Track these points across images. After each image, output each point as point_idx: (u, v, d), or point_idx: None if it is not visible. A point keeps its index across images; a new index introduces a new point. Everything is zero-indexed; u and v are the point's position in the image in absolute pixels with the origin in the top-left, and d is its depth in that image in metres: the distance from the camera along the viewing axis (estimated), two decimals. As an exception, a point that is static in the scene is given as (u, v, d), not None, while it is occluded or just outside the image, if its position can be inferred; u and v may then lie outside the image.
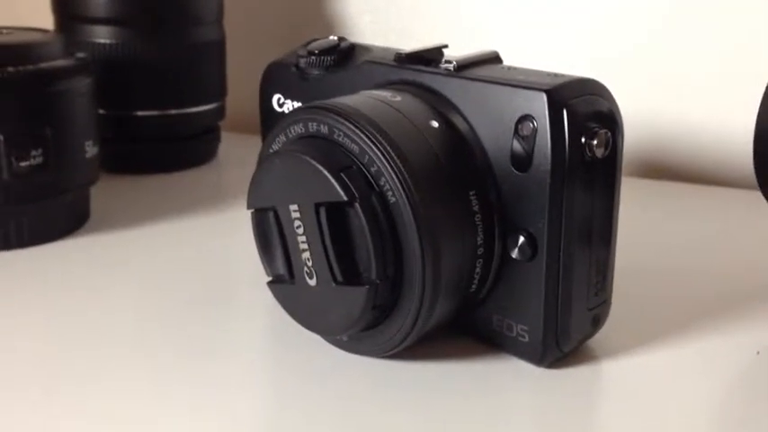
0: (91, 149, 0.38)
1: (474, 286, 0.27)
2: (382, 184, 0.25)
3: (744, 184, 0.46)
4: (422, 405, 0.26)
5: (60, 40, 0.37)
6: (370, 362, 0.28)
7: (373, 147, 0.25)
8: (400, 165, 0.24)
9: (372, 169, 0.25)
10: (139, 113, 0.48)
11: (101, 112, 0.47)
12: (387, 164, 0.25)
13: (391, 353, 0.27)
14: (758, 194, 0.33)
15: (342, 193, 0.25)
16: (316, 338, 0.29)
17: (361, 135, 0.25)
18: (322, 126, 0.26)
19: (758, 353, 0.29)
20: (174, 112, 0.48)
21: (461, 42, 0.52)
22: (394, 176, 0.24)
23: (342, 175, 0.25)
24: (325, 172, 0.25)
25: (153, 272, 0.35)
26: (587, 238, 0.26)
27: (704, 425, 0.26)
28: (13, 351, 0.29)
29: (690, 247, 0.39)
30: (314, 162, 0.25)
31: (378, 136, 0.25)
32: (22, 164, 0.34)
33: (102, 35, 0.46)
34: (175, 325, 0.31)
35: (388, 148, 0.25)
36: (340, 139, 0.25)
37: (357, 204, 0.25)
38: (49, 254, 0.36)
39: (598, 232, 0.27)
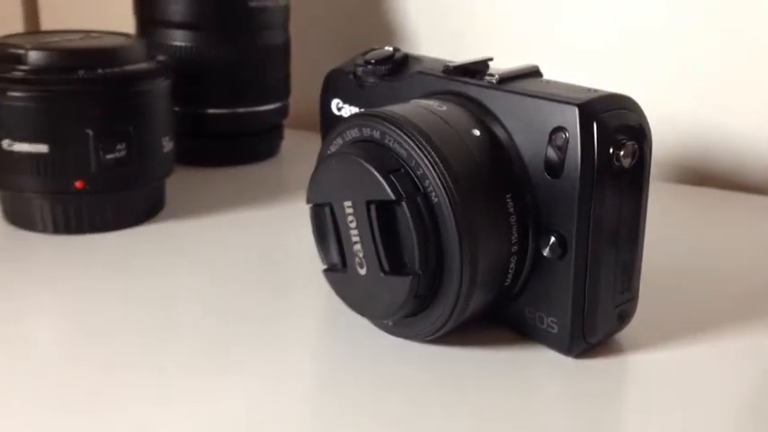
0: (167, 144, 0.42)
1: (508, 281, 0.30)
2: (427, 185, 0.28)
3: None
4: (457, 386, 0.29)
5: (143, 45, 0.41)
6: (413, 345, 0.31)
7: (419, 152, 0.28)
8: (443, 169, 0.27)
9: (418, 172, 0.28)
10: (210, 111, 0.51)
11: (176, 109, 0.51)
12: (431, 168, 0.27)
13: (432, 338, 0.30)
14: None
15: (390, 192, 0.28)
16: (364, 323, 0.32)
17: (409, 141, 0.28)
18: (375, 131, 0.29)
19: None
20: (241, 110, 0.52)
21: (515, 49, 0.55)
22: (437, 179, 0.27)
23: (391, 176, 0.28)
24: (376, 173, 0.28)
25: (219, 258, 0.39)
26: (614, 240, 0.29)
27: (726, 421, 0.28)
28: (87, 321, 0.33)
29: (724, 251, 0.41)
30: (366, 164, 0.28)
31: (424, 142, 0.28)
32: (108, 156, 0.38)
33: (179, 38, 0.50)
34: (237, 308, 0.34)
35: (433, 153, 0.27)
36: (390, 143, 0.28)
37: (404, 203, 0.27)
38: (128, 239, 0.40)
39: (625, 235, 0.29)
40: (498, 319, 0.32)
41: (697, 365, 0.31)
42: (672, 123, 0.52)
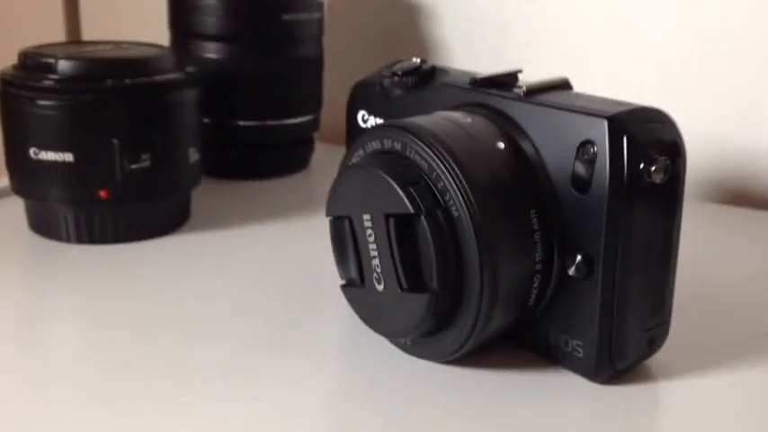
0: (194, 155, 0.41)
1: (532, 300, 0.28)
2: (447, 199, 0.27)
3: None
4: (474, 412, 0.28)
5: (172, 56, 0.41)
6: (431, 366, 0.30)
7: (440, 164, 0.27)
8: (464, 182, 0.26)
9: (439, 185, 0.27)
10: (241, 123, 0.51)
11: (206, 120, 0.51)
12: (452, 181, 0.26)
13: (450, 359, 0.29)
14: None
15: (409, 205, 0.27)
16: (382, 341, 0.31)
17: (430, 153, 0.27)
18: (396, 143, 0.28)
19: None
20: (272, 123, 0.52)
21: (548, 62, 0.53)
22: (458, 193, 0.26)
23: (410, 189, 0.27)
24: (396, 186, 0.27)
25: (242, 270, 0.38)
26: (645, 261, 0.27)
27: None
28: (112, 330, 0.32)
29: (762, 275, 0.39)
30: (386, 176, 0.27)
31: (445, 155, 0.27)
32: (133, 166, 0.38)
33: (211, 50, 0.50)
34: (257, 320, 0.33)
35: (454, 166, 0.26)
36: (411, 155, 0.28)
37: (423, 217, 0.26)
38: (152, 249, 0.40)
39: (656, 255, 0.28)
40: (521, 341, 0.31)
41: (730, 394, 0.29)
42: (704, 141, 0.50)
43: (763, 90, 0.48)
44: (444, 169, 0.27)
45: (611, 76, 0.52)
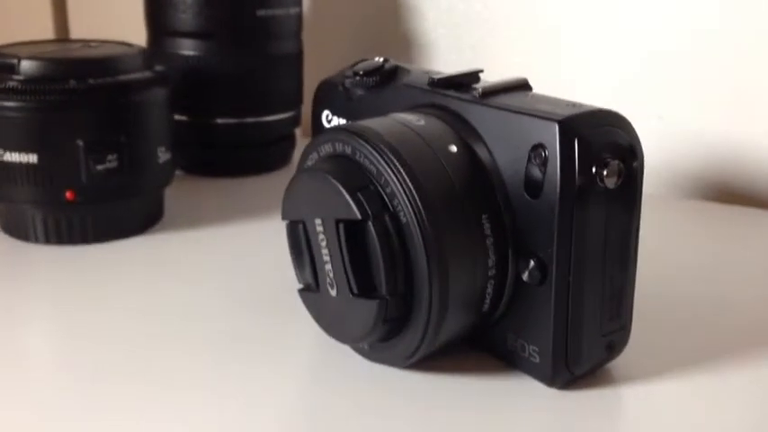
0: (163, 155, 0.41)
1: (486, 306, 0.28)
2: (396, 204, 0.26)
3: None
4: (427, 416, 0.27)
5: (140, 55, 0.41)
6: (388, 371, 0.29)
7: (388, 169, 0.26)
8: (412, 187, 0.26)
9: (387, 190, 0.26)
10: (219, 121, 0.51)
11: (185, 118, 0.50)
12: (400, 185, 0.26)
13: (406, 364, 0.29)
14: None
15: (356, 211, 0.26)
16: (343, 345, 0.31)
17: (378, 157, 0.26)
18: (346, 147, 0.28)
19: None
20: (251, 120, 0.51)
21: (535, 58, 0.53)
22: (406, 198, 0.26)
23: (358, 194, 0.26)
24: (344, 191, 0.26)
25: (211, 271, 0.38)
26: (600, 266, 0.27)
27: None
28: (76, 331, 0.32)
29: (734, 276, 0.38)
30: (335, 181, 0.27)
31: (393, 158, 0.26)
32: (99, 167, 0.38)
33: (188, 48, 0.49)
34: (220, 323, 0.33)
35: (402, 170, 0.26)
36: (361, 160, 0.27)
37: (370, 223, 0.26)
38: (121, 249, 0.40)
39: (612, 259, 0.27)
40: (482, 346, 0.30)
41: (690, 399, 0.28)
42: (692, 138, 0.49)
43: (750, 87, 0.48)
44: (392, 174, 0.26)
45: (599, 72, 0.51)
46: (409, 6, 0.58)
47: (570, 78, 0.53)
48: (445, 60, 0.57)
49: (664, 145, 0.50)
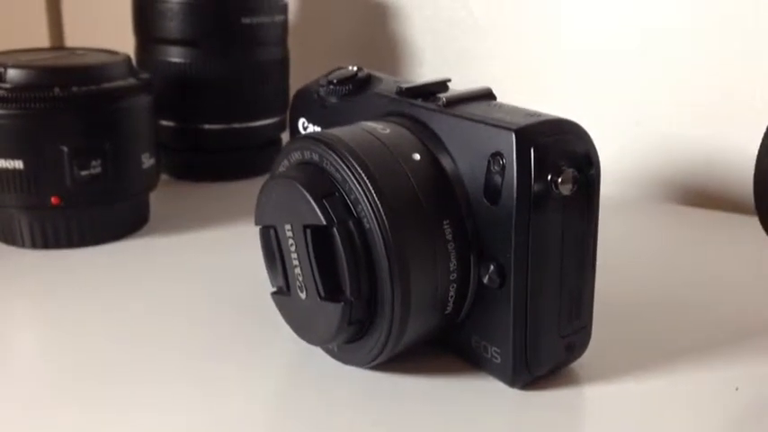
0: (148, 161, 0.42)
1: (449, 308, 0.29)
2: (359, 210, 0.27)
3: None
4: (392, 417, 0.28)
5: (125, 62, 0.42)
6: (356, 372, 0.30)
7: (352, 176, 0.27)
8: (374, 194, 0.27)
9: (352, 197, 0.27)
10: (206, 127, 0.52)
11: (170, 124, 0.52)
12: (363, 192, 0.27)
13: (372, 365, 0.30)
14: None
15: (322, 217, 0.27)
16: (315, 347, 0.32)
17: (343, 165, 0.27)
18: (314, 154, 0.29)
19: (737, 389, 0.30)
20: (237, 125, 0.52)
21: (520, 65, 0.53)
22: (368, 204, 0.27)
23: (324, 201, 0.27)
24: (310, 197, 0.27)
25: (194, 274, 0.39)
26: (557, 269, 0.28)
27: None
28: (61, 334, 0.33)
29: (704, 278, 0.39)
30: (302, 188, 0.28)
31: (357, 166, 0.27)
32: (83, 173, 0.39)
33: (175, 55, 0.50)
34: (200, 326, 0.34)
35: (365, 177, 0.27)
36: (327, 167, 0.28)
37: (334, 229, 0.27)
38: (106, 253, 0.41)
39: (570, 263, 0.28)
40: (449, 346, 0.31)
41: (652, 399, 0.29)
42: (673, 144, 0.50)
43: (726, 93, 0.48)
44: (356, 181, 0.27)
45: (582, 78, 0.52)
46: (395, 13, 0.59)
47: (550, 84, 0.54)
48: (432, 68, 0.58)
49: (641, 150, 0.51)
